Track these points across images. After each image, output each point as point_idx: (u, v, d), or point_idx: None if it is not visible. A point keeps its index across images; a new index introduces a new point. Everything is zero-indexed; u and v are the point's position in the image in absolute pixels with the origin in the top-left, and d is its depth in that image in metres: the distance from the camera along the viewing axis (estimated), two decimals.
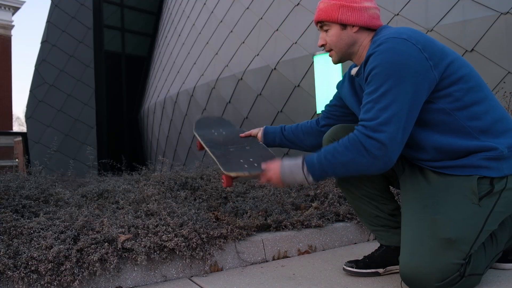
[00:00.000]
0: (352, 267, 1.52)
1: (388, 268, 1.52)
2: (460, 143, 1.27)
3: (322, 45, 1.47)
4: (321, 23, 1.44)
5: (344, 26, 1.39)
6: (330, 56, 1.49)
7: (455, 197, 1.26)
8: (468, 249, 1.23)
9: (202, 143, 1.77)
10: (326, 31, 1.43)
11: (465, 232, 1.22)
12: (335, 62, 1.50)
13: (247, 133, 1.85)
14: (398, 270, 1.51)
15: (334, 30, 1.41)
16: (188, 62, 8.22)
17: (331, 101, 1.73)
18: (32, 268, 1.36)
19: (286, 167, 1.37)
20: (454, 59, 1.30)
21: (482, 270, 1.30)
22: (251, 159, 1.59)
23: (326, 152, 1.30)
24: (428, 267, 1.21)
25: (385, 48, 1.25)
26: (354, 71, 1.48)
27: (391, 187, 1.64)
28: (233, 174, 1.48)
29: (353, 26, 1.39)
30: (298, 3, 5.79)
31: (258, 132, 1.82)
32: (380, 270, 1.51)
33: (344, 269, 1.54)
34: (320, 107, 3.95)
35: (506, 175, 1.25)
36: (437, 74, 1.25)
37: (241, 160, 1.58)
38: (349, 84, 1.56)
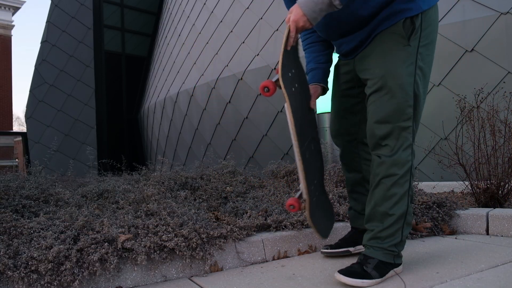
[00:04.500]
0: (327, 249, 1.78)
1: (358, 247, 1.75)
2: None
3: None
4: None
5: None
6: None
7: (390, 48, 1.45)
8: (412, 87, 1.44)
9: (293, 129, 1.47)
10: None
11: (407, 71, 1.43)
12: None
13: (313, 101, 1.70)
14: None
15: None
16: (188, 62, 8.22)
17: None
18: (32, 268, 1.36)
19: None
20: None
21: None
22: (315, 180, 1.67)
23: None
24: (396, 107, 1.44)
25: None
26: None
27: None
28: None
29: None
30: None
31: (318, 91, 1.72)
32: (351, 249, 1.75)
33: (321, 252, 1.78)
34: (319, 107, 3.95)
35: (424, 10, 1.44)
36: None
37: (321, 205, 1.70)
38: None
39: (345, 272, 1.40)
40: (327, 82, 1.75)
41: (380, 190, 1.48)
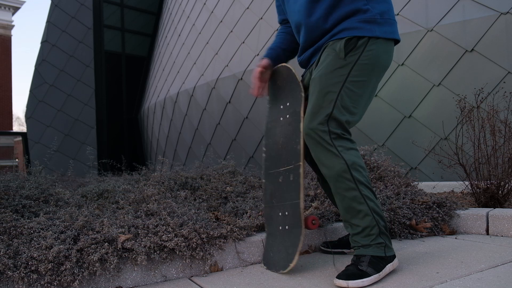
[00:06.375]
0: (325, 247, 1.89)
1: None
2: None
3: None
4: None
5: None
6: None
7: (328, 58, 1.53)
8: (336, 96, 1.48)
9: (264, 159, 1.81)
10: None
11: (333, 81, 1.49)
12: None
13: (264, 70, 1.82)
14: None
15: None
16: (188, 62, 8.22)
17: (279, 17, 1.90)
18: (32, 268, 1.36)
19: None
20: None
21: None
22: (283, 213, 1.71)
23: None
24: (315, 110, 1.50)
25: None
26: None
27: None
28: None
29: None
30: None
31: (267, 66, 1.83)
32: (346, 250, 1.85)
33: (320, 247, 1.91)
34: None
35: (375, 36, 1.49)
36: None
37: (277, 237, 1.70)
38: None
39: (342, 276, 1.41)
40: (276, 62, 1.86)
41: (337, 199, 1.53)
